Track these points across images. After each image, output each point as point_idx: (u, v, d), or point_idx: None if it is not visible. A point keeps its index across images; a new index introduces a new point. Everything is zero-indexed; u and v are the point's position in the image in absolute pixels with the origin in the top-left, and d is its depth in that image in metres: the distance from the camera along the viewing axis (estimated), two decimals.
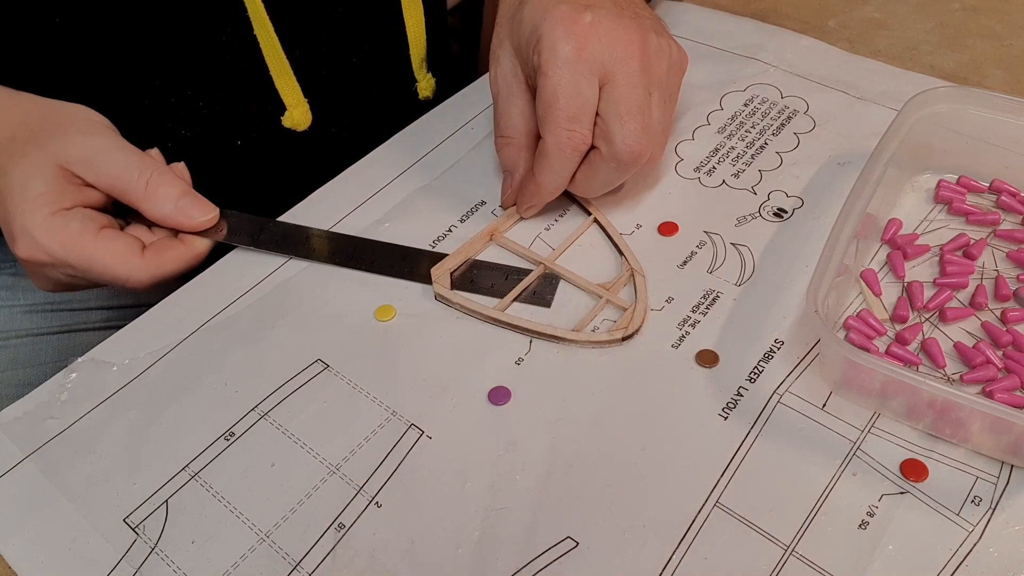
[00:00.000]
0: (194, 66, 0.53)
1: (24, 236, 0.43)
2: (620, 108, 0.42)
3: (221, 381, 0.42)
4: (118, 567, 0.36)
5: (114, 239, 0.44)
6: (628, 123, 0.42)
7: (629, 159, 0.43)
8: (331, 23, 0.56)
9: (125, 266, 0.44)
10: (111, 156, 0.45)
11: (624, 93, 0.42)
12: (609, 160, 0.44)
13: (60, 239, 0.43)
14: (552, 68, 0.42)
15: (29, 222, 0.43)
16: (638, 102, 0.43)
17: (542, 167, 0.44)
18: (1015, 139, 0.45)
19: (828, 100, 0.54)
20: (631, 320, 0.42)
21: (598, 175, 0.45)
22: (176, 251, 0.46)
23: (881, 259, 0.45)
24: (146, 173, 0.45)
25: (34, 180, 0.43)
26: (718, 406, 0.39)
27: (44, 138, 0.44)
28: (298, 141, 0.57)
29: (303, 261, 0.47)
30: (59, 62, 0.49)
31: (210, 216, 0.46)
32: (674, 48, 0.46)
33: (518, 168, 0.47)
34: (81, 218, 0.44)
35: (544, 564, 0.35)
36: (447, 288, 0.44)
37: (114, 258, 0.44)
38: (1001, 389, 0.38)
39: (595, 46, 0.42)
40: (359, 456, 0.38)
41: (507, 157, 0.47)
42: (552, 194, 0.46)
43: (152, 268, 0.45)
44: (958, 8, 0.62)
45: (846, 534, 0.35)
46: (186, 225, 0.46)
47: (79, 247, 0.43)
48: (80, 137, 0.45)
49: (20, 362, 0.58)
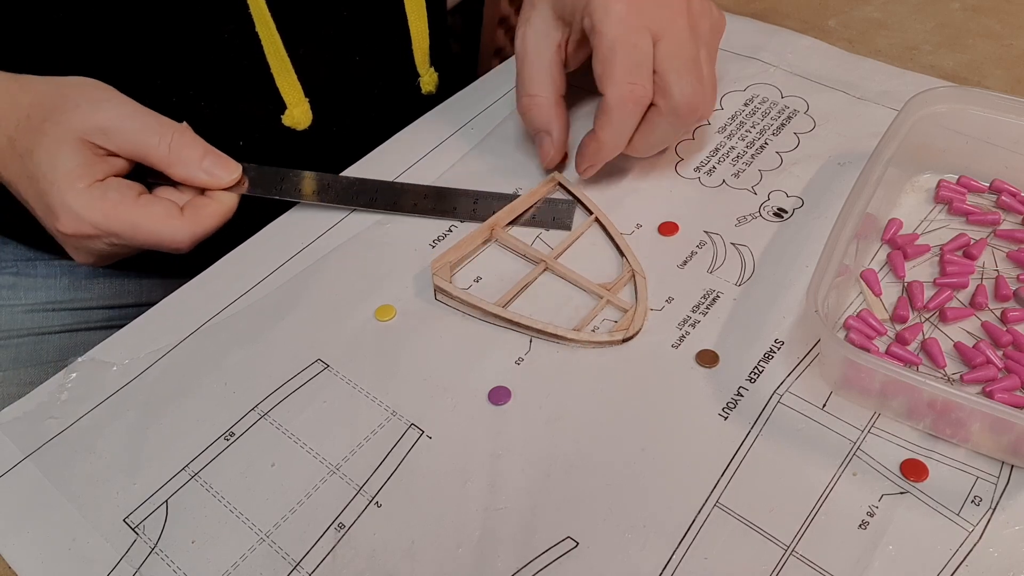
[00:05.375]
0: (195, 64, 0.53)
1: (66, 212, 0.43)
2: (676, 63, 0.44)
3: (221, 381, 0.42)
4: (118, 567, 0.36)
5: (153, 203, 0.45)
6: (685, 76, 0.44)
7: (687, 112, 0.44)
8: (334, 21, 0.56)
9: (168, 228, 0.45)
10: (129, 123, 0.45)
11: (677, 48, 0.44)
12: (668, 115, 0.45)
13: (102, 210, 0.44)
14: (607, 25, 0.43)
15: (68, 198, 0.43)
16: (692, 55, 0.44)
17: (603, 123, 0.45)
18: (1015, 139, 0.45)
19: (828, 100, 0.54)
20: (631, 321, 0.42)
21: (655, 132, 0.46)
22: (210, 208, 0.46)
23: (881, 259, 0.45)
24: (167, 136, 0.45)
25: (61, 157, 0.43)
26: (718, 406, 0.39)
27: (58, 114, 0.44)
28: (298, 140, 0.57)
29: (303, 258, 0.47)
30: (60, 60, 0.49)
31: (235, 175, 0.47)
32: (714, 9, 0.48)
33: (552, 126, 0.48)
34: (117, 187, 0.45)
35: (544, 564, 0.35)
36: (447, 281, 0.44)
37: (157, 222, 0.45)
38: (1001, 389, 0.38)
39: (645, 4, 0.44)
40: (359, 456, 0.38)
41: (536, 117, 0.48)
42: (613, 152, 0.47)
43: (193, 227, 0.45)
44: (958, 8, 0.62)
45: (846, 534, 0.35)
46: (213, 184, 0.47)
47: (122, 215, 0.44)
48: (94, 107, 0.45)
49: (22, 361, 0.58)
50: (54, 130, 0.44)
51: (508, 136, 0.54)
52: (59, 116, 0.44)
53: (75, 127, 0.44)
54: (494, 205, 0.48)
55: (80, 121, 0.44)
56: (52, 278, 0.60)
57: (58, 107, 0.45)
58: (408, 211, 0.49)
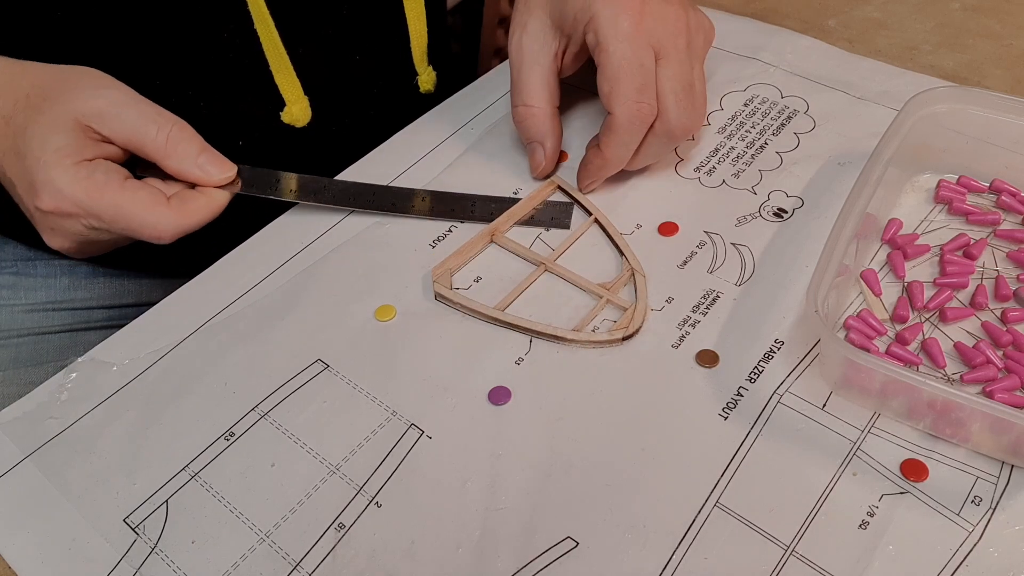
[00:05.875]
0: (195, 62, 0.53)
1: (48, 187, 0.43)
2: (675, 85, 0.45)
3: (221, 381, 0.42)
4: (118, 567, 0.36)
5: (140, 189, 0.44)
6: (683, 100, 0.45)
7: (681, 134, 0.46)
8: (333, 20, 0.56)
9: (152, 216, 0.44)
10: (127, 110, 0.45)
11: (677, 70, 0.45)
12: (662, 135, 0.46)
13: (86, 188, 0.43)
14: (613, 43, 0.44)
15: (53, 173, 0.43)
16: (688, 78, 0.45)
17: (610, 142, 0.46)
18: (1015, 139, 0.45)
19: (828, 100, 0.54)
20: (631, 320, 0.42)
21: (649, 148, 0.47)
22: (198, 202, 0.46)
23: (881, 259, 0.45)
24: (165, 128, 0.45)
25: (53, 134, 0.43)
26: (718, 406, 0.39)
27: (58, 95, 0.44)
28: (297, 137, 0.57)
29: (303, 258, 0.47)
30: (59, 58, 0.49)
31: (229, 174, 0.47)
32: (706, 21, 0.49)
33: (547, 139, 0.49)
34: (105, 169, 0.44)
35: (544, 564, 0.35)
36: (448, 288, 0.44)
37: (142, 208, 0.44)
38: (1001, 389, 0.38)
39: (649, 22, 0.45)
40: (359, 456, 0.38)
41: (532, 127, 0.49)
42: (616, 168, 0.47)
43: (178, 219, 0.45)
44: (958, 8, 0.62)
45: (846, 534, 0.35)
46: (205, 181, 0.46)
47: (106, 196, 0.43)
48: (95, 92, 0.44)
49: (22, 361, 0.58)
50: (51, 109, 0.44)
51: (507, 136, 0.54)
52: (58, 97, 0.44)
53: (73, 109, 0.44)
54: (492, 207, 0.48)
55: (79, 103, 0.44)
56: (52, 278, 0.60)
57: (59, 89, 0.44)
58: (406, 213, 0.49)
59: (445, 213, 0.49)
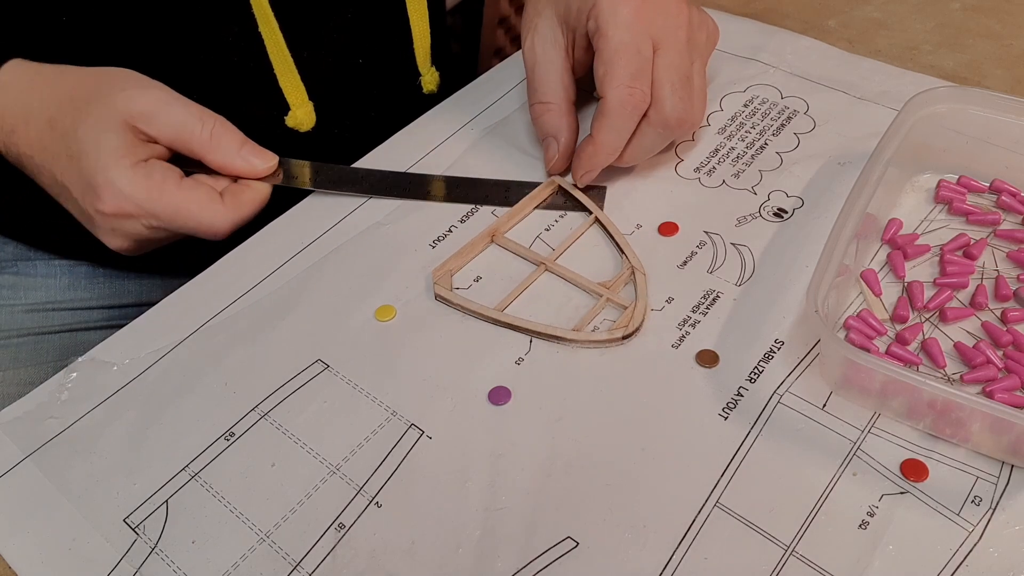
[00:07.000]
0: (199, 66, 0.53)
1: (110, 188, 0.43)
2: (672, 75, 0.45)
3: (221, 381, 0.42)
4: (118, 567, 0.36)
5: (196, 187, 0.45)
6: (679, 91, 0.45)
7: (676, 125, 0.45)
8: (337, 24, 0.56)
9: (209, 213, 0.45)
10: (172, 108, 0.45)
11: (674, 61, 0.45)
12: (657, 125, 0.46)
13: (147, 188, 0.44)
14: (612, 29, 0.44)
15: (114, 174, 0.43)
16: (686, 71, 0.45)
17: (602, 126, 0.45)
18: (1015, 139, 0.45)
19: (828, 100, 0.54)
20: (631, 318, 0.42)
21: (644, 140, 0.47)
22: (247, 195, 0.47)
23: (881, 259, 0.45)
24: (209, 123, 0.46)
25: (106, 135, 0.44)
26: (718, 406, 0.39)
27: (103, 95, 0.44)
28: (301, 141, 0.57)
29: (303, 258, 0.47)
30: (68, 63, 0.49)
31: (271, 164, 0.48)
32: (710, 21, 0.49)
33: (561, 133, 0.49)
34: (161, 169, 0.45)
35: (544, 564, 0.35)
36: (448, 289, 0.44)
37: (199, 206, 0.45)
38: (1001, 389, 0.38)
39: (650, 13, 0.45)
40: (359, 456, 0.38)
41: (548, 123, 0.49)
42: (609, 157, 0.47)
43: (232, 214, 0.46)
44: (958, 8, 0.62)
45: (846, 534, 0.35)
46: (250, 173, 0.47)
47: (165, 196, 0.44)
48: (140, 91, 0.45)
49: (22, 361, 0.58)
50: (99, 110, 0.44)
51: (509, 134, 0.54)
52: (104, 98, 0.44)
53: (120, 109, 0.44)
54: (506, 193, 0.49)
55: (125, 104, 0.44)
56: (52, 278, 0.60)
57: (103, 90, 0.45)
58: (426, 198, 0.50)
59: (462, 198, 0.49)
